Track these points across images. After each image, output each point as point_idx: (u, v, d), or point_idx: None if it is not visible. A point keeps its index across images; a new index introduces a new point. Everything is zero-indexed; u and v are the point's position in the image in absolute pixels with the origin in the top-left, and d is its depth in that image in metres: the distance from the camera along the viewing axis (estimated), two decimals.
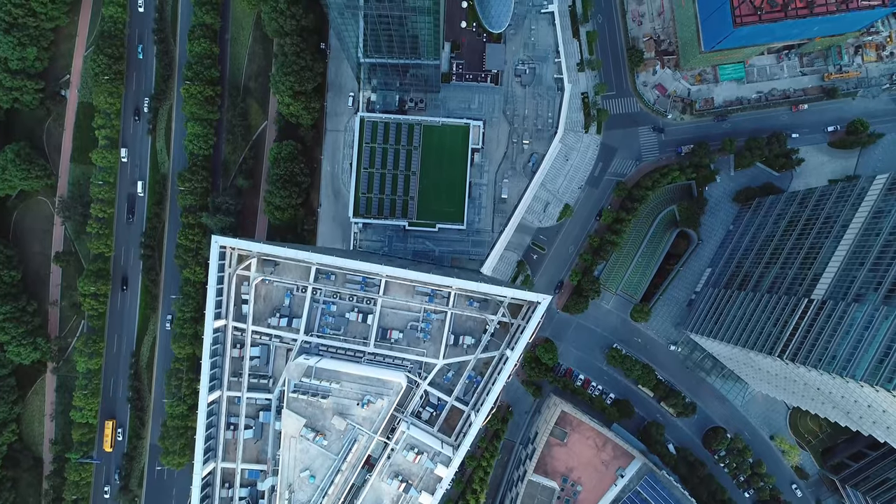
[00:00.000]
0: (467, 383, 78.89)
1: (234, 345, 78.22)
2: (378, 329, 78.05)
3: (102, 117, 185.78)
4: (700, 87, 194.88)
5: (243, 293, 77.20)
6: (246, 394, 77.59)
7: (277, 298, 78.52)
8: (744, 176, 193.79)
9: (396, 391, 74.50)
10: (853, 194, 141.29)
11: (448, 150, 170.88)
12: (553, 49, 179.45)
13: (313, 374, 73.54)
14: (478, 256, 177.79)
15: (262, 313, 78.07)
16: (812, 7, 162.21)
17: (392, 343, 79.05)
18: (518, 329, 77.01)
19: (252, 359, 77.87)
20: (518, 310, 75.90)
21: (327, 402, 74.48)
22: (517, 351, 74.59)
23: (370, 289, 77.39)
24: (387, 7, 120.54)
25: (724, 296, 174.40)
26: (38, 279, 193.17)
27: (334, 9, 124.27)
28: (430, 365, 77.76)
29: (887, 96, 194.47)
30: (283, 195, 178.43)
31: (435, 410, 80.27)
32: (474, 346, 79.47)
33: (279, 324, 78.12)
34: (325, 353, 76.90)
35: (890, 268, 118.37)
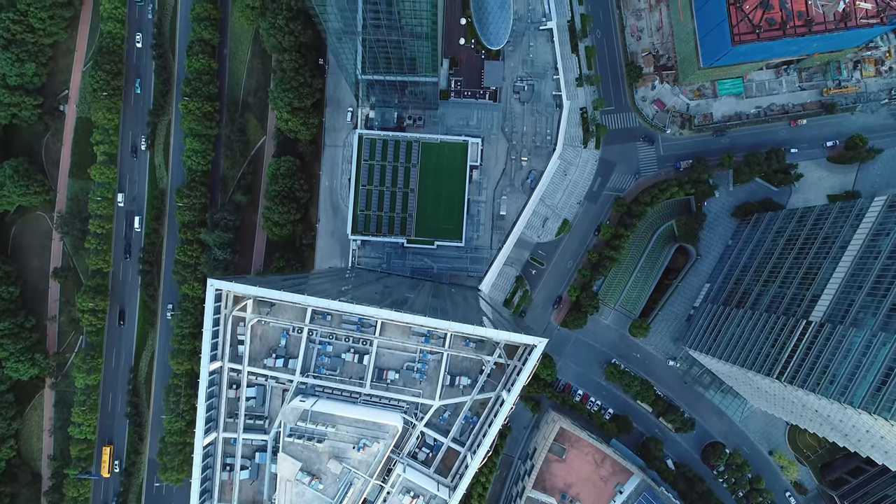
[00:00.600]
0: (463, 424, 78.82)
1: (231, 385, 78.00)
2: (374, 369, 77.89)
3: (101, 133, 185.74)
4: (699, 101, 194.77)
5: (239, 334, 77.02)
6: (242, 435, 77.57)
7: (273, 339, 78.47)
8: (743, 191, 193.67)
9: (392, 434, 74.41)
10: (851, 214, 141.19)
11: (446, 168, 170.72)
12: (551, 66, 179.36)
13: (309, 418, 73.43)
14: (476, 273, 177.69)
15: (258, 353, 77.94)
16: (811, 25, 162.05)
17: (388, 383, 78.86)
18: (514, 370, 77.01)
19: (248, 399, 77.86)
20: (514, 350, 75.86)
21: (323, 445, 74.37)
22: (513, 393, 74.48)
23: (366, 329, 77.37)
24: (385, 33, 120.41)
25: (722, 312, 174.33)
26: (37, 294, 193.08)
27: (332, 34, 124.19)
28: (427, 406, 77.57)
29: (886, 111, 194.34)
30: (282, 211, 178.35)
31: (431, 451, 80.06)
32: (470, 387, 79.28)
33: (275, 364, 77.95)
34: (321, 394, 76.78)
35: (888, 292, 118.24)
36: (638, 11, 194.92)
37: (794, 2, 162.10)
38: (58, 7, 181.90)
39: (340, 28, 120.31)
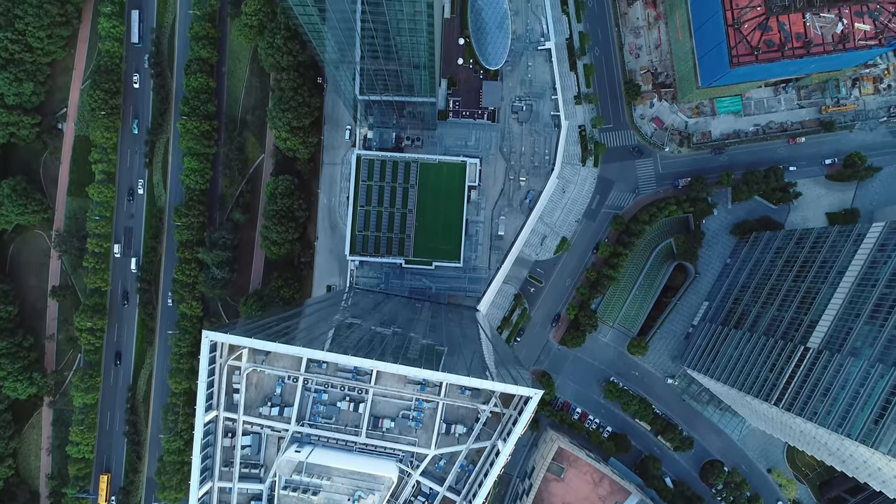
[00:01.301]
0: (459, 472, 78.82)
1: (226, 434, 78.00)
2: (370, 418, 77.77)
3: (99, 152, 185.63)
4: (697, 119, 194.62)
5: (234, 382, 77.04)
6: (237, 484, 77.57)
7: (269, 387, 78.32)
8: (741, 209, 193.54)
9: (388, 486, 74.46)
10: (849, 240, 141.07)
11: (445, 188, 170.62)
12: (550, 85, 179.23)
13: (304, 470, 73.47)
14: (475, 293, 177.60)
15: (253, 401, 77.84)
16: (809, 47, 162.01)
17: (384, 432, 78.65)
18: (510, 419, 76.91)
19: (244, 447, 77.76)
20: (510, 399, 75.84)
21: (318, 498, 74.35)
22: (509, 443, 74.38)
23: (362, 377, 77.33)
24: (382, 63, 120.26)
25: (720, 333, 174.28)
26: (35, 313, 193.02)
27: (330, 64, 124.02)
28: (422, 455, 77.48)
29: (885, 129, 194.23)
30: (280, 231, 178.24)
31: (427, 500, 80.00)
32: (466, 435, 79.10)
33: (271, 413, 77.78)
34: (316, 443, 76.71)
35: (885, 323, 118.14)
36: (636, 29, 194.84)
37: (793, 24, 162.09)
38: (56, 26, 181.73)
39: (337, 59, 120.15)
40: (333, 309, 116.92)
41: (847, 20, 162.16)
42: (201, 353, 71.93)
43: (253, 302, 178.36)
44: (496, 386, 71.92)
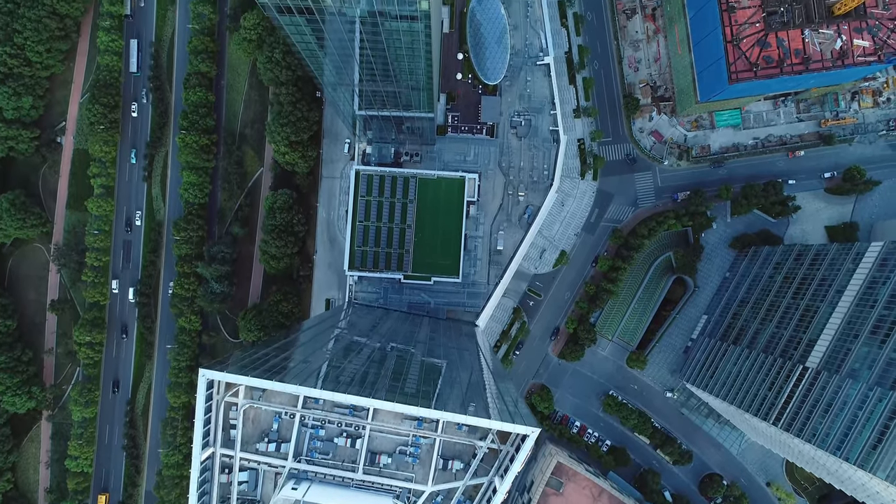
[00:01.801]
0: None
1: (223, 469, 77.92)
2: (367, 453, 77.66)
3: (98, 166, 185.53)
4: (696, 133, 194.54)
5: (231, 418, 76.97)
6: None
7: (266, 422, 78.29)
8: (740, 222, 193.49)
9: None
10: (848, 258, 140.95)
11: (443, 203, 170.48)
12: (549, 100, 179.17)
13: None
14: (474, 308, 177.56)
15: (250, 437, 77.76)
16: (808, 63, 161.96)
17: (381, 468, 78.50)
18: (507, 456, 76.82)
19: (240, 483, 77.72)
20: (507, 435, 75.83)
21: None
22: (507, 480, 74.21)
23: (359, 412, 77.26)
24: (381, 85, 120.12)
25: (719, 348, 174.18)
26: (34, 326, 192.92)
27: (328, 86, 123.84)
28: (419, 491, 77.51)
29: (884, 142, 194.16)
30: (279, 245, 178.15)
31: None
32: (463, 471, 78.95)
33: (268, 449, 77.79)
34: (313, 479, 76.69)
35: (884, 345, 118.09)
36: (636, 42, 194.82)
37: (791, 40, 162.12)
38: (55, 40, 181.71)
39: (335, 81, 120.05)
40: (331, 331, 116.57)
41: (846, 36, 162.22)
42: (198, 391, 71.85)
43: (252, 317, 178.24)
44: (493, 424, 71.88)
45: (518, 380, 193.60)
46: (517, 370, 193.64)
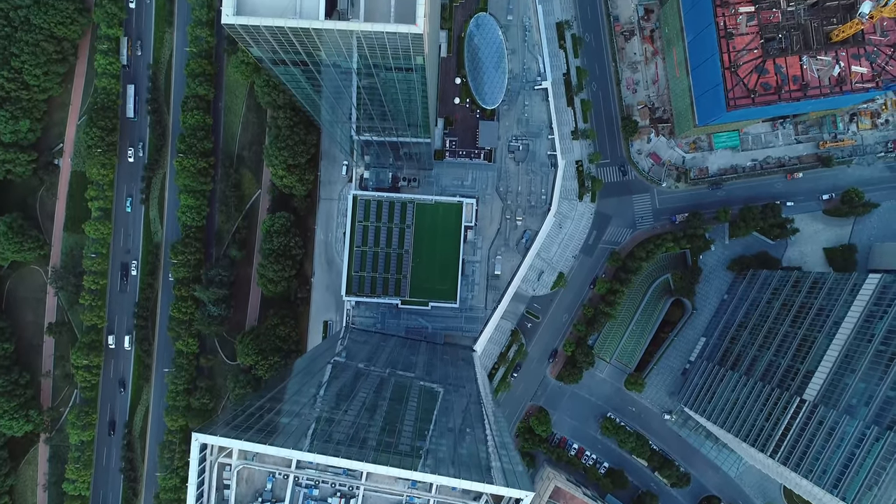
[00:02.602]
0: None
1: None
2: None
3: (95, 189, 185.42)
4: (695, 154, 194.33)
5: (225, 478, 76.93)
6: None
7: (259, 482, 78.10)
8: (738, 244, 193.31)
9: None
10: (846, 289, 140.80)
11: (441, 228, 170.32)
12: (547, 125, 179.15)
13: None
14: (471, 333, 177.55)
15: (244, 497, 77.58)
16: (806, 90, 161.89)
17: None
18: None
19: None
20: (501, 497, 75.57)
21: None
22: None
23: (353, 473, 77.14)
24: (377, 122, 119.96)
25: (717, 373, 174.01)
26: (31, 348, 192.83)
27: (325, 124, 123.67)
28: None
29: (882, 164, 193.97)
30: (276, 269, 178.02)
31: None
32: None
33: None
34: None
35: (881, 382, 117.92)
36: (634, 64, 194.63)
37: (790, 66, 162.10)
38: (52, 63, 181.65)
39: (332, 120, 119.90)
40: (326, 370, 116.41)
41: (844, 63, 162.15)
42: (191, 456, 71.79)
43: (249, 340, 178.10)
44: (486, 488, 71.76)
45: (516, 402, 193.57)
46: (515, 392, 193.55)
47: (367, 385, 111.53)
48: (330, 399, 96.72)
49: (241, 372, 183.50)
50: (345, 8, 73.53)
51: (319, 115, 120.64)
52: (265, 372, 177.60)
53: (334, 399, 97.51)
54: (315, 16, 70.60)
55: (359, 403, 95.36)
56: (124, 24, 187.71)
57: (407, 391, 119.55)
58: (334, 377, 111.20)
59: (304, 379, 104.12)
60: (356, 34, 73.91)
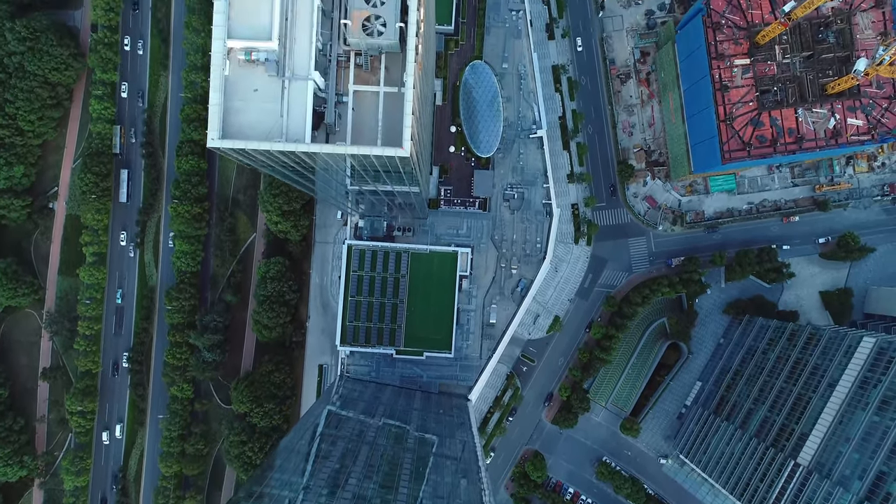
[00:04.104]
0: None
1: None
2: None
3: (90, 234, 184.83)
4: (691, 198, 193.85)
5: None
6: None
7: None
8: (734, 288, 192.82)
9: None
10: (840, 349, 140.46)
11: (436, 278, 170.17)
12: (542, 173, 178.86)
13: None
14: (466, 381, 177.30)
15: None
16: (801, 142, 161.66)
17: None
18: None
19: None
20: None
21: None
22: None
23: None
24: (372, 186, 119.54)
25: (712, 422, 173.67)
26: (26, 392, 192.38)
27: (319, 193, 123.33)
28: None
29: (879, 207, 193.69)
30: (271, 316, 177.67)
31: None
32: None
33: None
34: None
35: (875, 455, 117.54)
36: (630, 107, 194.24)
37: (785, 119, 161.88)
38: (47, 108, 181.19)
39: (324, 190, 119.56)
40: (313, 444, 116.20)
41: (840, 115, 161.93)
42: None
43: (244, 387, 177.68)
44: None
45: (511, 446, 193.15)
46: (510, 436, 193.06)
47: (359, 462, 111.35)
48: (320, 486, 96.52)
49: (235, 419, 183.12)
50: (332, 121, 73.24)
51: (313, 189, 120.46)
52: (260, 420, 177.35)
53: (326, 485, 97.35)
54: (302, 137, 70.27)
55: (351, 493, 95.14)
56: (119, 69, 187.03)
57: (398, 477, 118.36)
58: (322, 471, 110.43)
59: (290, 461, 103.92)
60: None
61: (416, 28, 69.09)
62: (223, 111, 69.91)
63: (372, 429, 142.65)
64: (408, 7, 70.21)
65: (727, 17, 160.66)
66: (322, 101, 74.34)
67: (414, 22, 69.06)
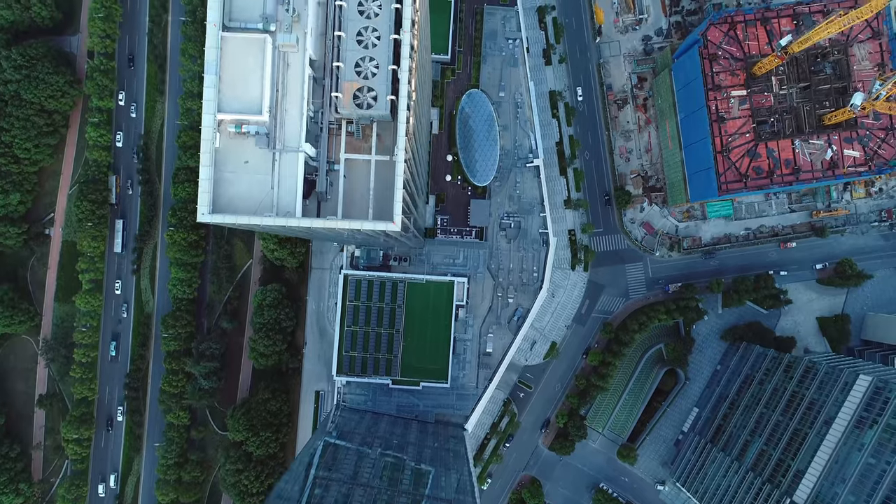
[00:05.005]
0: None
1: None
2: None
3: (86, 261, 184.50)
4: (688, 223, 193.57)
5: None
6: None
7: None
8: (732, 314, 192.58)
9: None
10: (837, 385, 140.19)
11: (432, 308, 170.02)
12: (538, 202, 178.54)
13: None
14: (463, 411, 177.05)
15: None
16: (798, 174, 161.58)
17: None
18: None
19: None
20: None
21: None
22: None
23: None
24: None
25: (708, 451, 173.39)
26: (22, 418, 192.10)
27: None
28: None
29: (876, 232, 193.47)
30: (268, 343, 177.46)
31: None
32: None
33: None
34: None
35: (871, 499, 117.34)
36: (627, 133, 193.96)
37: (782, 150, 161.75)
38: (43, 136, 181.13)
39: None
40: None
41: (836, 147, 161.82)
42: None
43: (240, 415, 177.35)
44: None
45: (508, 473, 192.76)
46: (507, 462, 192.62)
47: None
48: None
49: (232, 446, 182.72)
50: (324, 189, 72.98)
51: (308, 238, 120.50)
52: (256, 448, 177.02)
53: None
54: (293, 209, 70.08)
55: None
56: (114, 95, 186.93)
57: None
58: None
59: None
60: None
61: (406, 101, 68.81)
62: (213, 183, 69.63)
63: (368, 465, 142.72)
64: (399, 80, 69.98)
65: (724, 48, 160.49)
66: (313, 168, 74.12)
67: (405, 95, 68.80)
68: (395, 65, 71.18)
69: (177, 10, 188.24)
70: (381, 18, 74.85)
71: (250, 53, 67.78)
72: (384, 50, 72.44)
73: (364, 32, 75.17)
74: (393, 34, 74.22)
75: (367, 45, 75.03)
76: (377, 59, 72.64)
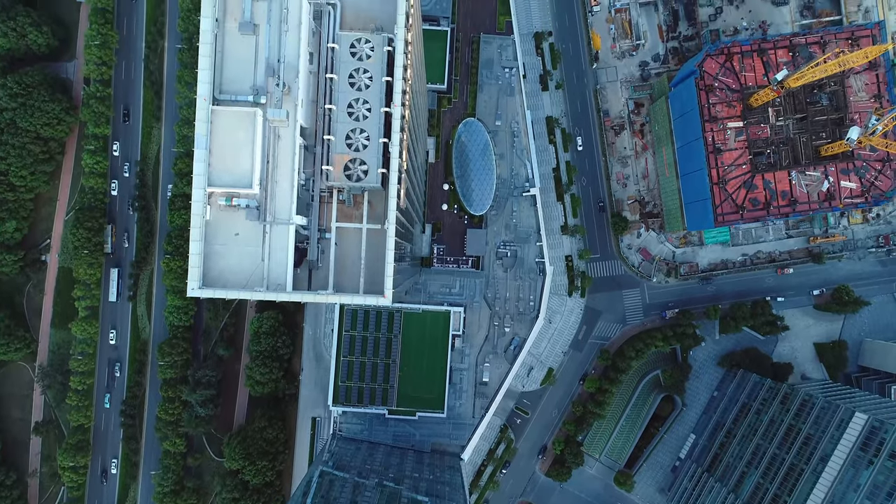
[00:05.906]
0: None
1: None
2: None
3: (82, 288, 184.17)
4: (685, 249, 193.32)
5: None
6: None
7: None
8: (729, 340, 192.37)
9: None
10: (833, 422, 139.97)
11: (429, 337, 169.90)
12: (535, 230, 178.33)
13: None
14: (459, 440, 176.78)
15: None
16: (795, 205, 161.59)
17: None
18: None
19: None
20: None
21: None
22: None
23: None
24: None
25: (705, 481, 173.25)
26: (17, 445, 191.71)
27: None
28: None
29: (873, 258, 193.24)
30: (264, 371, 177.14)
31: None
32: None
33: None
34: None
35: None
36: (624, 159, 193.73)
37: (778, 182, 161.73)
38: (39, 163, 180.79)
39: None
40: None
41: (833, 178, 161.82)
42: None
43: (237, 444, 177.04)
44: None
45: (505, 499, 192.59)
46: (504, 489, 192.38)
47: None
48: None
49: (228, 475, 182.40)
50: (315, 258, 72.77)
51: None
52: (253, 477, 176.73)
53: None
54: (283, 282, 69.95)
55: None
56: (112, 123, 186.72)
57: None
58: None
59: None
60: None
61: (397, 175, 68.65)
62: (204, 257, 69.51)
63: (364, 495, 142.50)
64: (390, 154, 69.86)
65: (720, 79, 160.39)
66: (304, 237, 73.97)
67: (395, 169, 68.70)
68: (386, 137, 71.01)
69: (173, 38, 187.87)
70: (374, 61, 74.30)
71: (241, 127, 67.60)
72: (375, 122, 72.19)
73: (356, 74, 74.67)
74: (385, 76, 73.70)
75: (360, 87, 74.24)
76: (368, 130, 72.41)
